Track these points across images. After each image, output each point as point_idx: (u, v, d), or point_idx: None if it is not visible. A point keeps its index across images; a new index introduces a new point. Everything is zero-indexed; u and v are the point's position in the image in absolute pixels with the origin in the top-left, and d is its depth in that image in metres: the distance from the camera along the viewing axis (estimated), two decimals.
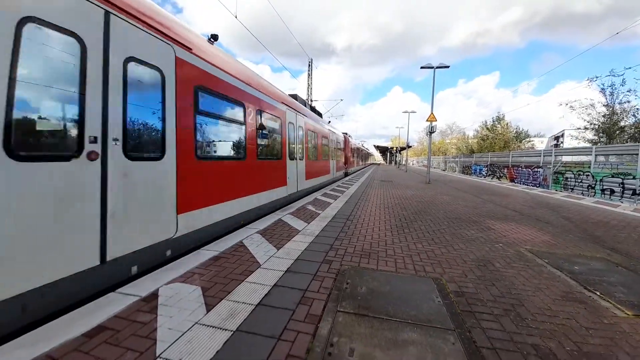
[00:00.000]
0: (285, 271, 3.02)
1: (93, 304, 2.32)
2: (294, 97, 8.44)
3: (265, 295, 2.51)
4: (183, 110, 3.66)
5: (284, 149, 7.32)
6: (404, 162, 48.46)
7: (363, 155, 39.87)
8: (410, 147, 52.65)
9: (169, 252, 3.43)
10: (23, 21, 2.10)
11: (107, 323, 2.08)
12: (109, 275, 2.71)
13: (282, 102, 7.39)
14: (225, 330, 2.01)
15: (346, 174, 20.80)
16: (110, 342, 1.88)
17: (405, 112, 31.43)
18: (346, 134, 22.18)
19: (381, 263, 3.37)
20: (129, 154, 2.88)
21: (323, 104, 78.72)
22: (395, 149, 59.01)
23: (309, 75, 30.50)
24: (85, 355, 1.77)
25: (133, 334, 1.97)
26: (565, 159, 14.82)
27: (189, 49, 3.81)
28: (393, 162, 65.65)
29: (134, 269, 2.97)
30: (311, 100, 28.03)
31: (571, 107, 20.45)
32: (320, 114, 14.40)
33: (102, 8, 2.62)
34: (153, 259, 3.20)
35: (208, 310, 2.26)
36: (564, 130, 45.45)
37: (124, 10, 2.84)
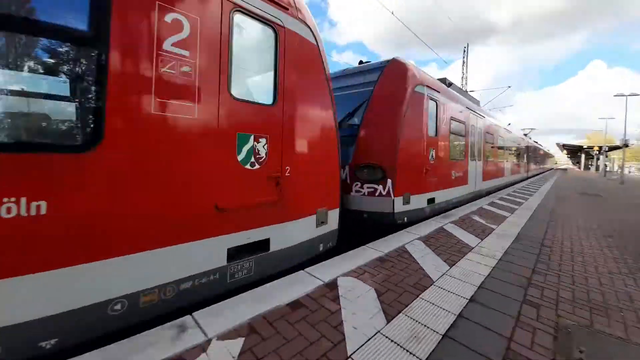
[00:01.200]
0: (470, 300, 2.47)
1: (287, 278, 2.71)
2: (443, 80, 7.56)
3: (451, 326, 2.09)
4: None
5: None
6: (616, 168, 33.37)
7: (539, 156, 29.71)
8: (628, 146, 34.91)
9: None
10: None
11: (303, 300, 2.34)
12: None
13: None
14: (414, 356, 1.78)
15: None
16: (308, 321, 2.08)
17: (619, 95, 21.04)
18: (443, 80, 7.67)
19: (632, 330, 2.16)
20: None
21: (480, 93, 65.57)
22: (596, 148, 41.13)
23: (464, 63, 26.23)
24: (291, 326, 2.02)
25: (323, 320, 2.10)
26: None
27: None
28: (590, 167, 46.47)
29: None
30: (467, 91, 24.15)
31: None
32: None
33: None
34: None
35: (388, 321, 2.12)
36: None
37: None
